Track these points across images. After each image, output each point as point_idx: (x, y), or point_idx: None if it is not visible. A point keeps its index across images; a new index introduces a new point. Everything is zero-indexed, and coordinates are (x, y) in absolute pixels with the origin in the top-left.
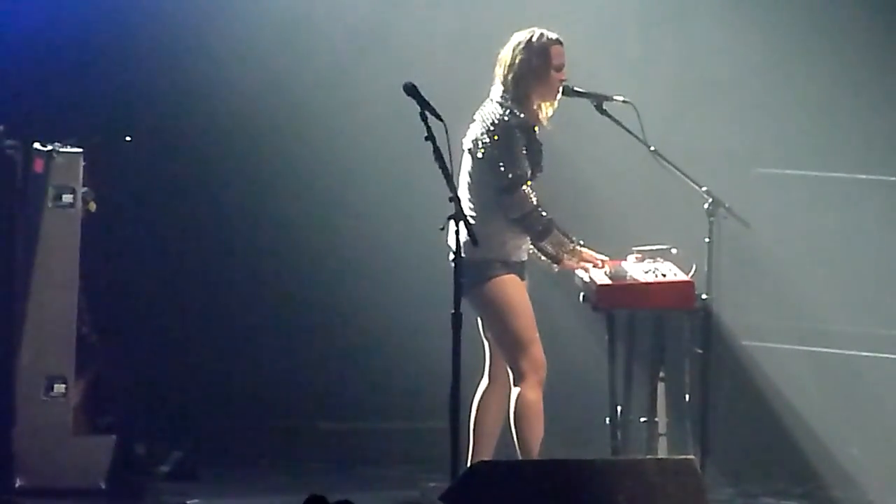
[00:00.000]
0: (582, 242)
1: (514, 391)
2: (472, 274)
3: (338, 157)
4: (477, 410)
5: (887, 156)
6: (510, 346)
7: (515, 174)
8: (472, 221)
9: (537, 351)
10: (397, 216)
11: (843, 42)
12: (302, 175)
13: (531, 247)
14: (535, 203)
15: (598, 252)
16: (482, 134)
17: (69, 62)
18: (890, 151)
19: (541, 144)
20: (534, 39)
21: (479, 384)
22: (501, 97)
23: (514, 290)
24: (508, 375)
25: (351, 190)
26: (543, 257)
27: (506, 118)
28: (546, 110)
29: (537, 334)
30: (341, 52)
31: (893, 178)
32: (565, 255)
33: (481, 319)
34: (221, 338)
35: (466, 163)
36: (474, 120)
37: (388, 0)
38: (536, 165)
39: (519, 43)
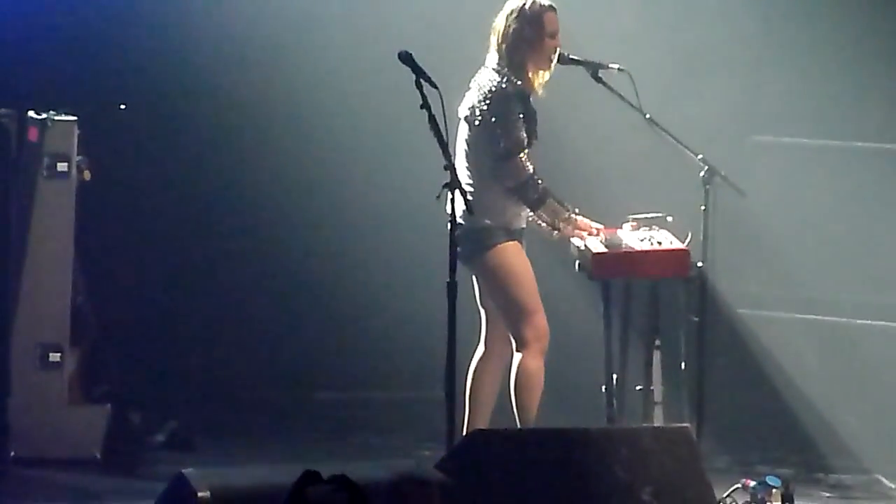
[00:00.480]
0: (577, 211)
1: (516, 359)
2: (474, 242)
3: (332, 125)
4: (472, 379)
5: (884, 123)
6: (514, 314)
7: (512, 142)
8: (469, 190)
9: (540, 319)
10: (393, 185)
11: (841, 9)
12: (297, 143)
13: (530, 214)
14: (531, 171)
15: (593, 220)
16: (479, 102)
17: (64, 30)
18: (887, 119)
19: (536, 112)
20: (527, 7)
21: (474, 353)
22: (497, 65)
23: (516, 257)
24: (504, 344)
25: (346, 159)
26: (542, 224)
27: (502, 86)
28: (541, 77)
29: (540, 302)
30: (336, 19)
31: (890, 146)
32: (561, 224)
33: (484, 288)
34: (217, 307)
35: (463, 131)
36: (470, 88)
37: None
38: (533, 133)
39: (512, 11)
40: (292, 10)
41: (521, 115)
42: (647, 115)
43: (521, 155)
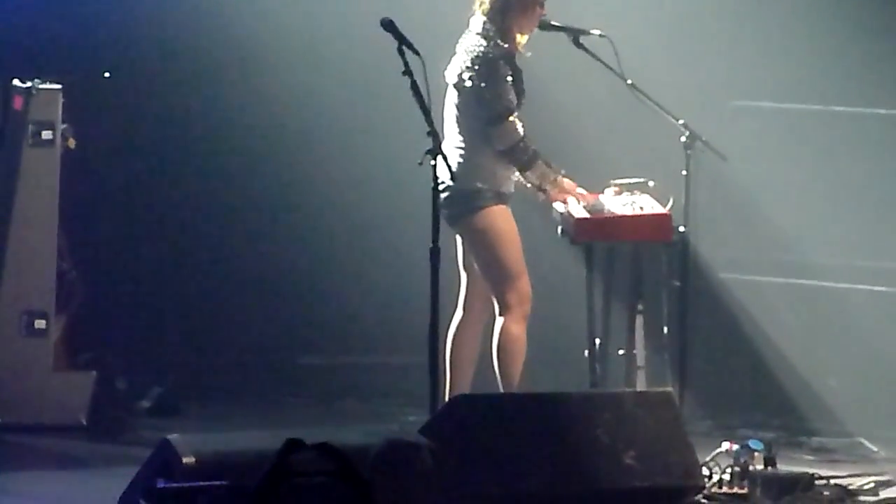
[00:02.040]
0: (564, 173)
1: (499, 323)
2: (462, 203)
3: (312, 90)
4: (452, 344)
5: (864, 87)
6: (498, 278)
7: (502, 105)
8: (460, 153)
9: (524, 284)
10: (375, 151)
11: None
12: (284, 110)
13: (518, 176)
14: (522, 134)
15: (577, 184)
16: (467, 67)
17: None
18: (867, 83)
19: (521, 72)
20: None
21: (453, 317)
22: (482, 28)
23: (504, 220)
24: (484, 308)
25: (327, 125)
26: (529, 186)
27: (490, 50)
28: (523, 39)
29: (525, 267)
30: None
31: (870, 110)
32: (548, 186)
33: (469, 250)
34: (201, 274)
35: (452, 96)
36: (455, 52)
37: None
38: (520, 94)
39: None
40: None
41: (510, 78)
42: (628, 81)
43: (512, 118)
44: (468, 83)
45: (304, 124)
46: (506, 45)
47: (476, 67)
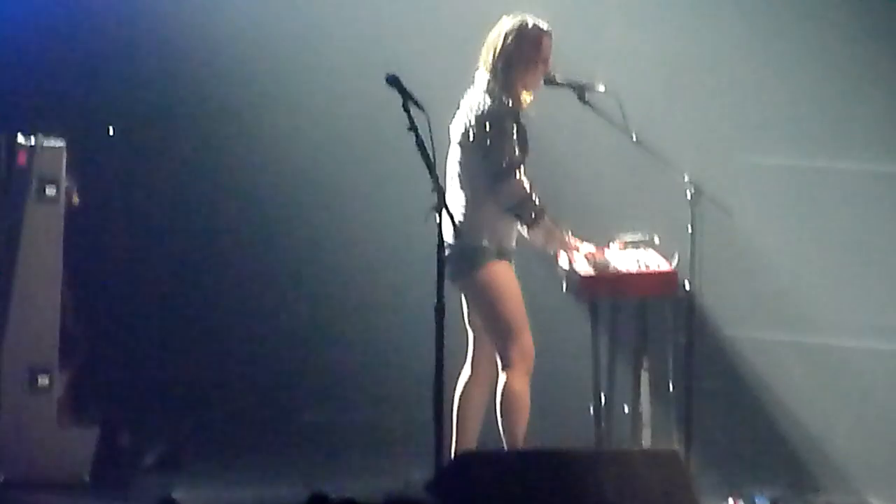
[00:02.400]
0: (570, 232)
1: (502, 379)
2: (464, 261)
3: (321, 150)
4: (459, 400)
5: (870, 143)
6: (500, 334)
7: (509, 161)
8: (463, 210)
9: (527, 340)
10: (381, 207)
11: (827, 29)
12: (287, 169)
13: (524, 233)
14: (528, 190)
15: (583, 241)
16: (472, 122)
17: (52, 54)
18: (873, 140)
19: (526, 130)
20: (528, 27)
21: (460, 373)
22: (487, 84)
23: (506, 277)
24: (491, 365)
25: (334, 182)
26: (535, 243)
27: (495, 106)
28: (528, 96)
29: (527, 323)
30: (326, 45)
31: (876, 166)
32: (555, 244)
33: (472, 306)
34: (205, 330)
35: (455, 152)
36: (460, 108)
37: None
38: (525, 151)
39: (512, 29)
40: (281, 39)
41: (515, 135)
42: (634, 136)
43: (518, 174)
44: (473, 139)
45: (308, 182)
46: (510, 102)
47: (481, 124)
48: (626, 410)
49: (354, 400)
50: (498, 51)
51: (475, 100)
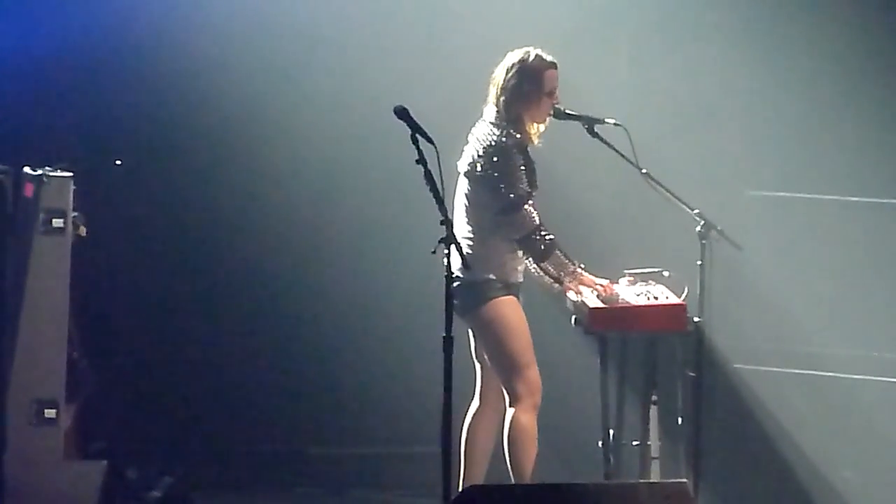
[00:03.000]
0: (583, 266)
1: (509, 413)
2: (471, 295)
3: (329, 181)
4: (467, 433)
5: (880, 178)
6: (507, 368)
7: (517, 194)
8: (469, 243)
9: (534, 374)
10: (388, 239)
11: (836, 63)
12: (293, 200)
13: (533, 266)
14: (538, 222)
15: (591, 274)
16: (479, 155)
17: (58, 85)
18: (883, 173)
19: (534, 163)
20: (528, 62)
21: (469, 407)
22: (495, 118)
23: (512, 311)
24: (499, 398)
25: (341, 214)
26: (546, 277)
27: (503, 140)
28: (537, 129)
29: (534, 358)
30: (334, 76)
31: (886, 200)
32: (566, 278)
33: (479, 341)
34: (212, 363)
35: (462, 185)
36: (468, 142)
37: (380, 23)
38: (533, 185)
39: (513, 65)
40: (290, 72)
41: (523, 167)
42: (643, 170)
43: (527, 206)
44: (480, 172)
45: (317, 212)
46: (518, 135)
47: (489, 156)
48: (635, 444)
49: (362, 434)
50: (500, 86)
51: (483, 133)
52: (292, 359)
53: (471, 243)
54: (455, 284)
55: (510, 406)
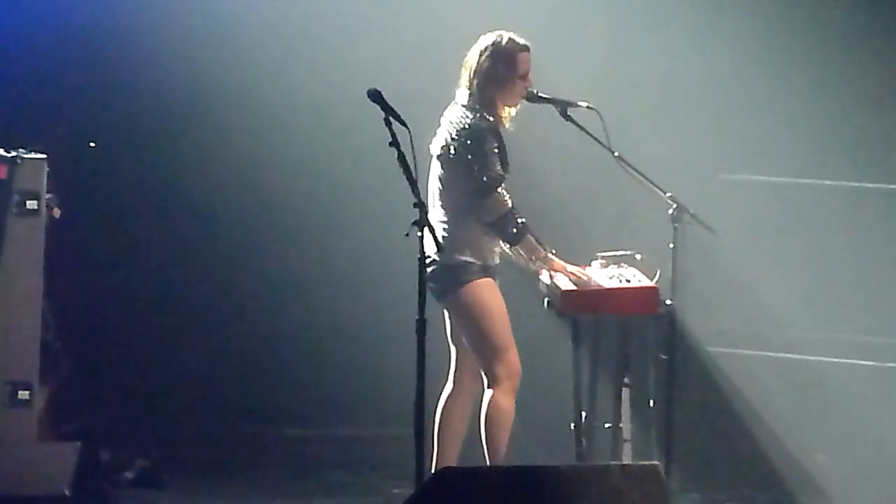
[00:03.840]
0: (554, 251)
1: (487, 395)
2: (448, 278)
3: (304, 163)
4: (441, 416)
5: (851, 160)
6: (486, 351)
7: (490, 177)
8: (444, 227)
9: (513, 356)
10: (362, 222)
11: (806, 47)
12: (268, 182)
13: (507, 249)
14: (510, 206)
15: (564, 258)
16: (453, 139)
17: (32, 67)
18: (856, 157)
19: (506, 146)
20: (501, 45)
21: (442, 389)
22: (468, 101)
23: (491, 294)
24: (473, 381)
25: (316, 197)
26: (518, 261)
27: (476, 123)
28: (508, 113)
29: (513, 339)
30: (307, 58)
31: (858, 184)
32: (538, 262)
33: (457, 323)
34: (186, 344)
35: (436, 168)
36: (440, 125)
37: (352, 5)
38: (506, 168)
39: (486, 48)
40: (259, 50)
41: (497, 150)
42: (616, 153)
43: (500, 189)
44: (454, 155)
45: (290, 195)
46: (491, 118)
47: (463, 140)
48: (607, 427)
49: (335, 415)
50: (474, 69)
51: (456, 116)
52: (266, 341)
53: (446, 226)
54: (432, 268)
55: (489, 388)
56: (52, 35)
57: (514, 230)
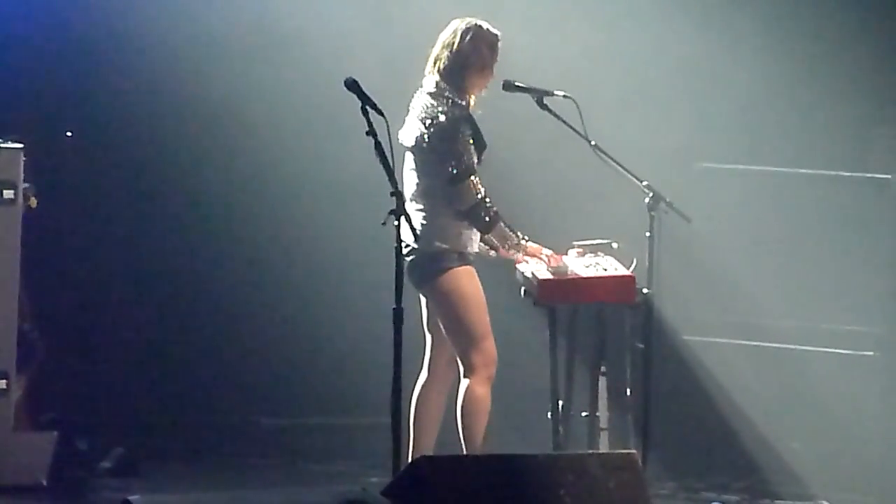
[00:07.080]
0: (527, 238)
1: (464, 384)
2: (427, 266)
3: (280, 152)
4: (416, 405)
5: (828, 150)
6: (463, 339)
7: (463, 166)
8: (423, 215)
9: (490, 345)
10: (338, 211)
11: (785, 38)
12: (244, 170)
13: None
14: (482, 194)
15: (539, 245)
16: (426, 127)
17: (8, 57)
18: (831, 145)
19: (480, 131)
20: (483, 29)
21: (417, 378)
22: (437, 87)
23: (469, 282)
24: (448, 370)
25: (292, 185)
26: (490, 249)
27: (449, 110)
28: (473, 100)
29: (490, 328)
30: (284, 47)
31: (833, 173)
32: (510, 250)
33: (435, 312)
34: (162, 333)
35: (409, 158)
36: (409, 113)
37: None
38: (482, 150)
39: (468, 30)
40: (237, 42)
41: (471, 140)
42: (593, 143)
43: (472, 177)
44: (427, 144)
45: (266, 185)
46: (463, 103)
47: (438, 129)
48: (584, 415)
49: (312, 404)
50: (454, 50)
51: (425, 103)
52: (243, 330)
53: (424, 215)
54: (411, 257)
55: (465, 377)
56: (28, 24)
57: (487, 218)
